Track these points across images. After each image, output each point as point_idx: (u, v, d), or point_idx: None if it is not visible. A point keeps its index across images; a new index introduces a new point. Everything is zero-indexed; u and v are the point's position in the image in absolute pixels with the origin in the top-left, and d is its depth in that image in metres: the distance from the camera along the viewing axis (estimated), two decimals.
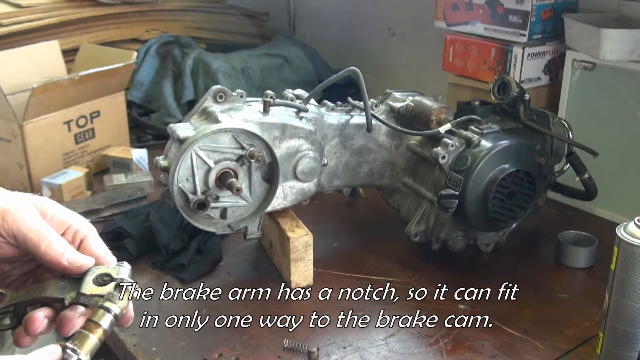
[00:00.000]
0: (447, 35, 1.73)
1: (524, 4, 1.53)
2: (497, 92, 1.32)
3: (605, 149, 1.32)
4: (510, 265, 1.33)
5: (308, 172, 1.23)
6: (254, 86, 2.19)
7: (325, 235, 1.43)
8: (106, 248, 0.70)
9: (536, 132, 1.29)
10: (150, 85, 2.18)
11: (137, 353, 1.05)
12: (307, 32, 2.68)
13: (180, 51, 2.25)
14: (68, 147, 1.70)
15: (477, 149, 1.21)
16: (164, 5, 2.33)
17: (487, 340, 1.09)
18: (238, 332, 1.11)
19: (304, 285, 1.24)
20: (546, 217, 1.50)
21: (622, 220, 0.94)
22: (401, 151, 1.36)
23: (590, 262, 1.32)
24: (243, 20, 2.59)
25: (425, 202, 1.30)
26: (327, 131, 1.29)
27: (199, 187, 1.12)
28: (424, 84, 2.07)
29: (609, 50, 1.38)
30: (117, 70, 1.74)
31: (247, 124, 1.14)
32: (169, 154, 1.14)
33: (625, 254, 0.88)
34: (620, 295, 0.90)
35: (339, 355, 1.05)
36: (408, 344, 1.08)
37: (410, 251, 1.37)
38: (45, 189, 1.55)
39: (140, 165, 1.72)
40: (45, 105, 1.59)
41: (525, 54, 1.55)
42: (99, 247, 0.70)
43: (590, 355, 1.05)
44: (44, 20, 2.01)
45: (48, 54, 1.85)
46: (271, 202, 1.20)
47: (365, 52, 2.39)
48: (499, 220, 1.24)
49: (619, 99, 1.45)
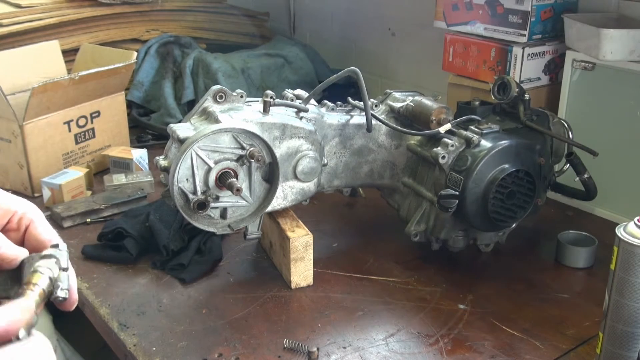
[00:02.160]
0: (447, 35, 1.73)
1: (524, 4, 1.53)
2: (497, 92, 1.32)
3: (605, 149, 1.32)
4: (510, 265, 1.33)
5: (308, 172, 1.23)
6: (254, 86, 2.19)
7: (325, 235, 1.44)
8: (53, 232, 0.67)
9: (536, 132, 1.29)
10: (150, 85, 2.18)
11: (137, 353, 1.05)
12: (307, 32, 2.68)
13: (180, 51, 2.25)
14: (68, 147, 1.70)
15: (477, 149, 1.21)
16: (164, 5, 2.33)
17: (487, 340, 1.09)
18: (238, 332, 1.11)
19: (304, 285, 1.24)
20: (546, 217, 1.50)
21: (622, 220, 0.94)
22: (401, 151, 1.36)
23: (590, 262, 1.33)
24: (243, 20, 2.60)
25: (425, 202, 1.30)
26: (327, 131, 1.29)
27: (199, 187, 1.12)
28: (424, 84, 2.07)
29: (608, 50, 1.38)
30: (117, 70, 1.74)
31: (247, 124, 1.14)
32: (169, 154, 1.14)
33: (625, 254, 0.88)
34: (620, 295, 0.90)
35: (339, 355, 1.05)
36: (408, 344, 1.08)
37: (410, 251, 1.37)
38: (45, 189, 1.55)
39: (140, 165, 1.72)
40: (46, 105, 1.60)
41: (525, 54, 1.55)
42: (46, 231, 0.66)
43: (590, 355, 1.05)
44: (44, 20, 2.01)
45: (48, 54, 1.85)
46: (271, 202, 1.20)
47: (365, 52, 2.39)
48: (499, 220, 1.24)
49: (619, 99, 1.45)
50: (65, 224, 1.46)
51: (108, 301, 1.19)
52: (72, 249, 1.37)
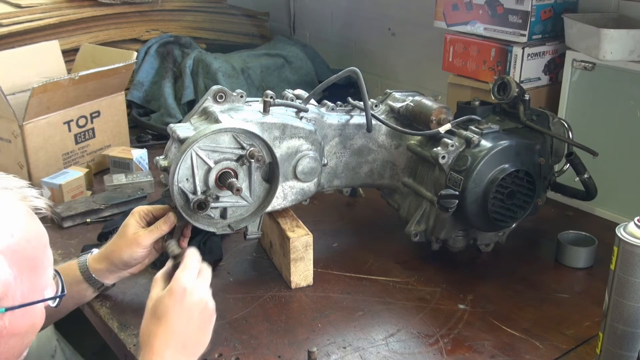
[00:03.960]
0: (447, 35, 1.73)
1: (524, 4, 1.53)
2: (497, 92, 1.32)
3: (605, 149, 1.32)
4: (510, 265, 1.33)
5: (308, 172, 1.23)
6: (254, 86, 2.19)
7: (325, 235, 1.43)
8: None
9: (536, 132, 1.29)
10: (150, 85, 2.18)
11: (138, 353, 1.05)
12: (307, 32, 2.68)
13: (180, 51, 2.25)
14: (68, 147, 1.70)
15: (477, 149, 1.21)
16: (164, 5, 2.33)
17: (487, 340, 1.09)
18: (238, 332, 1.11)
19: (304, 285, 1.24)
20: (546, 217, 1.50)
21: (622, 220, 0.94)
22: (401, 151, 1.36)
23: (590, 262, 1.32)
24: (243, 20, 2.60)
25: (425, 202, 1.30)
26: (327, 131, 1.29)
27: (199, 187, 1.12)
28: (424, 84, 2.07)
29: (608, 50, 1.38)
30: (117, 70, 1.74)
31: (247, 124, 1.14)
32: (169, 154, 1.14)
33: (625, 254, 0.88)
34: (620, 295, 0.90)
35: (339, 355, 1.05)
36: (408, 344, 1.08)
37: (410, 251, 1.37)
38: (45, 189, 1.55)
39: (140, 165, 1.72)
40: (45, 105, 1.59)
41: (525, 54, 1.55)
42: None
43: (590, 355, 1.05)
44: (44, 20, 2.01)
45: (48, 54, 1.85)
46: (271, 202, 1.20)
47: (365, 52, 2.39)
48: (499, 220, 1.24)
49: (619, 99, 1.45)
50: (65, 224, 1.46)
51: (108, 301, 1.18)
52: (72, 249, 1.37)
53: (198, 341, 0.93)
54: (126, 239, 1.09)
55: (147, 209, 1.14)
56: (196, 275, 0.95)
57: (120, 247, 1.10)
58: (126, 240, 1.09)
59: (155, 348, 0.88)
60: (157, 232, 1.10)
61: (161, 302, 0.91)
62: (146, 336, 0.90)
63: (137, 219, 1.12)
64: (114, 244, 1.11)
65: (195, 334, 0.92)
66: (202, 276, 0.97)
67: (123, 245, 1.09)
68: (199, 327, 0.93)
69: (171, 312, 0.90)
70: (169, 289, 0.92)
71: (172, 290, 0.92)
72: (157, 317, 0.91)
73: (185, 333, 0.90)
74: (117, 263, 1.10)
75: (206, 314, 0.94)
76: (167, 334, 0.89)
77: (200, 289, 0.94)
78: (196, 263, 0.97)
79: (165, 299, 0.91)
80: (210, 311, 0.95)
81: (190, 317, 0.91)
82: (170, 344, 0.89)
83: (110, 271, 1.11)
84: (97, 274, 1.11)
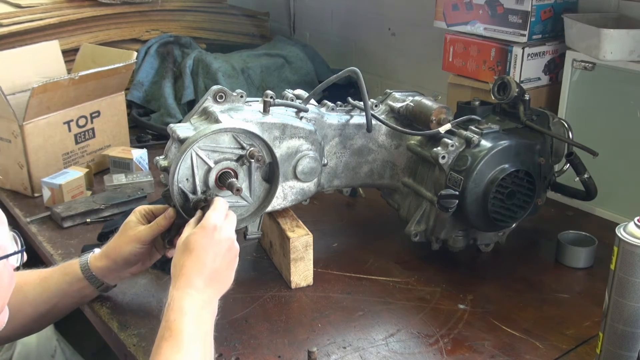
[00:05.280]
0: (447, 35, 1.73)
1: (524, 4, 1.53)
2: (497, 92, 1.32)
3: (605, 149, 1.32)
4: (510, 265, 1.33)
5: (308, 172, 1.23)
6: (254, 86, 2.19)
7: (325, 235, 1.43)
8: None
9: (536, 132, 1.29)
10: (150, 85, 2.18)
11: (137, 353, 1.05)
12: (307, 32, 2.68)
13: (180, 51, 2.25)
14: (68, 147, 1.70)
15: (477, 149, 1.21)
16: (164, 5, 2.33)
17: (487, 340, 1.09)
18: (238, 332, 1.11)
19: (304, 285, 1.24)
20: (546, 217, 1.50)
21: (622, 220, 0.94)
22: (401, 151, 1.36)
23: (590, 262, 1.32)
24: (243, 20, 2.60)
25: (425, 202, 1.30)
26: (327, 131, 1.29)
27: (199, 187, 1.12)
28: (424, 84, 2.07)
29: (608, 50, 1.38)
30: (117, 70, 1.74)
31: (247, 124, 1.14)
32: (169, 154, 1.14)
33: (625, 254, 0.88)
34: (620, 295, 0.90)
35: (339, 355, 1.05)
36: (408, 344, 1.08)
37: (410, 251, 1.37)
38: (45, 189, 1.55)
39: (140, 165, 1.72)
40: (45, 105, 1.59)
41: (525, 54, 1.55)
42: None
43: (590, 355, 1.05)
44: (44, 20, 2.01)
45: (48, 54, 1.85)
46: (271, 202, 1.20)
47: (365, 52, 2.39)
48: (499, 220, 1.24)
49: (619, 99, 1.45)
50: (65, 224, 1.46)
51: (108, 301, 1.18)
52: (72, 249, 1.37)
53: (225, 276, 0.99)
54: (126, 235, 1.11)
55: (148, 207, 1.15)
56: (224, 217, 1.01)
57: (120, 244, 1.11)
58: (126, 237, 1.11)
59: (185, 276, 0.93)
60: (157, 228, 1.11)
61: (192, 237, 0.97)
62: (177, 269, 0.95)
63: (138, 216, 1.13)
64: (114, 242, 1.12)
65: (223, 268, 0.97)
66: (229, 219, 1.02)
67: (123, 242, 1.11)
68: (227, 262, 0.98)
69: (202, 245, 0.96)
70: (200, 225, 0.98)
71: (203, 226, 0.97)
72: (188, 250, 0.96)
73: (213, 265, 0.95)
74: (117, 260, 1.11)
75: (232, 252, 1.00)
76: (197, 264, 0.94)
77: (228, 228, 1.00)
78: (225, 206, 1.03)
79: (197, 234, 0.97)
80: (236, 250, 1.01)
81: (219, 252, 0.97)
82: (200, 274, 0.94)
83: (111, 269, 1.11)
84: (98, 272, 1.11)
